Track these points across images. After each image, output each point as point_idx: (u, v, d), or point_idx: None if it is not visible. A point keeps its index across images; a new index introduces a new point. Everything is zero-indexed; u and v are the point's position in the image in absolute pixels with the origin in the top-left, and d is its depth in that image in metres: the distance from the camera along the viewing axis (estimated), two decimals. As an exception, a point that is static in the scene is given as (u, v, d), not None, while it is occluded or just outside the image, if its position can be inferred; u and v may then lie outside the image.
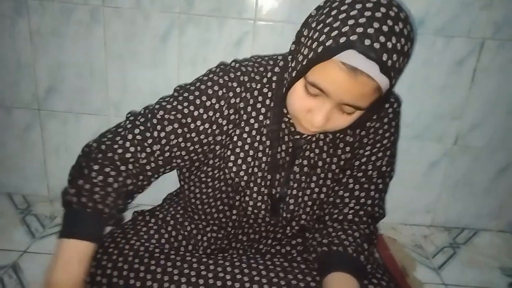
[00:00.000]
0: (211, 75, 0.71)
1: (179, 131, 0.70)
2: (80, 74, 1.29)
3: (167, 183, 1.40)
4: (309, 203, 0.75)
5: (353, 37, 0.52)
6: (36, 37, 1.25)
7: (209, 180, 0.77)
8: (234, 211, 0.78)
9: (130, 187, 0.72)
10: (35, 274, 1.09)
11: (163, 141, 0.70)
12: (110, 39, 1.25)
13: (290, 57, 0.65)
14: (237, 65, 0.72)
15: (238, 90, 0.70)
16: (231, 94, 0.69)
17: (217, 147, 0.73)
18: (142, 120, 0.72)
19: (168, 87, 1.31)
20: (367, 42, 0.52)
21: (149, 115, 0.72)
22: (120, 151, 0.70)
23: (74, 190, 0.67)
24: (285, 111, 0.70)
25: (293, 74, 0.61)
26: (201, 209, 0.80)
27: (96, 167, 0.68)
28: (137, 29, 1.24)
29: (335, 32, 0.54)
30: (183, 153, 0.72)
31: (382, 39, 0.52)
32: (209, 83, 0.70)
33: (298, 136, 0.72)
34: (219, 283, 0.69)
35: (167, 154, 0.71)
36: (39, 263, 1.14)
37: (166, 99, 0.73)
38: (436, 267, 1.28)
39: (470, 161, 1.39)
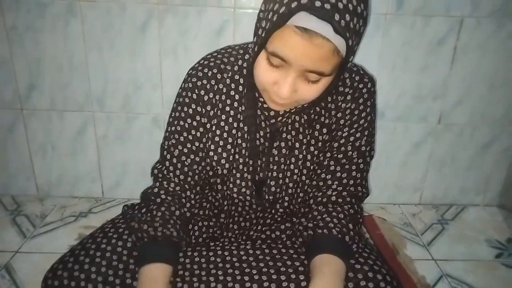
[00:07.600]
0: (183, 85, 0.75)
1: (185, 150, 0.75)
2: (60, 69, 1.28)
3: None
4: (290, 184, 0.76)
5: (304, 0, 0.54)
6: (12, 33, 1.23)
7: None
8: (225, 202, 0.79)
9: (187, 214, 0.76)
10: (28, 273, 1.10)
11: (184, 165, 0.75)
12: (88, 32, 1.24)
13: (254, 37, 0.66)
14: (205, 62, 0.74)
15: (208, 86, 0.73)
16: (202, 92, 0.73)
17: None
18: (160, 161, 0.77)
19: (150, 78, 1.30)
20: (318, 3, 0.54)
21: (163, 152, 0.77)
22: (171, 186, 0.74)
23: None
24: (257, 95, 0.71)
25: (255, 48, 0.62)
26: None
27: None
28: (115, 21, 1.22)
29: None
30: (201, 162, 0.76)
31: (332, 0, 0.54)
32: (183, 93, 0.74)
33: (274, 120, 0.73)
34: (211, 278, 0.71)
35: (196, 170, 0.76)
36: (31, 262, 1.14)
37: (166, 130, 0.78)
38: (425, 243, 1.31)
39: (454, 139, 1.41)
